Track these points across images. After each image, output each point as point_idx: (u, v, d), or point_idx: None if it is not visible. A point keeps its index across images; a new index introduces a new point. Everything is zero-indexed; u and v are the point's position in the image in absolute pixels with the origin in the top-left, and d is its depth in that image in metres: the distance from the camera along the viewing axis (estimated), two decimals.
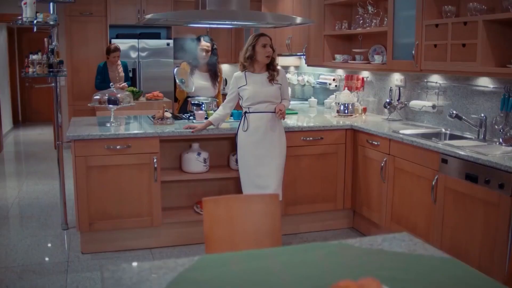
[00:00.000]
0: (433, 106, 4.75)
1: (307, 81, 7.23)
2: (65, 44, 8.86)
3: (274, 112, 4.35)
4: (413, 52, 4.48)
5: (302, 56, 6.92)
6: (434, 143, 3.97)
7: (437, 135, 4.47)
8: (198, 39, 5.41)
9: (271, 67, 4.39)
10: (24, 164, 8.92)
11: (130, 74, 8.45)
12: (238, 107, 4.61)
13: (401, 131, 4.51)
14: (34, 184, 7.01)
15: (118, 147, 4.38)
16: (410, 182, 4.24)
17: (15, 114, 12.82)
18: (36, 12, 4.65)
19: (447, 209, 3.80)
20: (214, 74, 5.51)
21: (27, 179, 7.46)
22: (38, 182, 7.07)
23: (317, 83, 6.95)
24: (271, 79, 4.36)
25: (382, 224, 4.63)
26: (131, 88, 7.34)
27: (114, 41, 8.52)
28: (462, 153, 3.64)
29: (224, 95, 6.88)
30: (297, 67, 7.76)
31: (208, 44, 5.39)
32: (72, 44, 8.79)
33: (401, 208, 4.38)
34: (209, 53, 5.39)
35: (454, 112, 4.39)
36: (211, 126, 4.56)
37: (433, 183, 3.89)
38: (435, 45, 4.24)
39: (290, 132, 4.80)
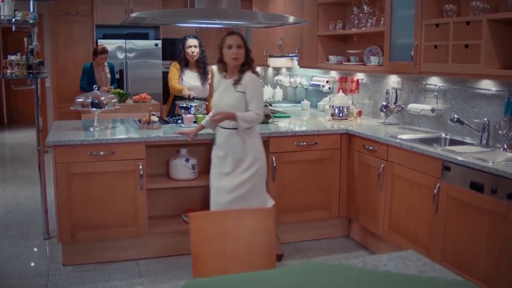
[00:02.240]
0: (432, 110, 4.55)
1: (300, 83, 7.03)
2: (50, 44, 8.62)
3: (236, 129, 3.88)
4: (412, 53, 4.28)
5: (295, 57, 6.73)
6: (435, 149, 3.77)
7: (437, 140, 4.27)
8: (184, 38, 5.27)
9: (241, 70, 3.91)
10: (8, 168, 8.65)
11: (117, 76, 8.23)
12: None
13: (399, 136, 4.30)
14: (17, 190, 6.75)
15: (101, 153, 4.14)
16: (409, 190, 4.03)
17: (0, 116, 12.54)
18: (15, 10, 4.41)
19: (450, 220, 3.60)
20: (204, 73, 5.34)
21: (10, 184, 7.21)
22: (21, 187, 6.81)
23: (310, 85, 6.75)
24: (235, 84, 3.87)
25: (380, 234, 4.42)
26: (118, 90, 7.11)
27: (101, 41, 8.28)
28: (467, 160, 3.44)
29: None
30: (289, 69, 7.55)
31: (195, 42, 5.23)
32: (57, 45, 8.54)
33: (400, 217, 4.17)
34: (197, 49, 5.23)
35: (456, 116, 4.18)
36: (204, 130, 4.32)
37: (435, 191, 3.69)
38: (436, 46, 4.04)
39: (282, 137, 4.59)
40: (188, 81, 5.32)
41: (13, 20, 4.41)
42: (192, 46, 5.26)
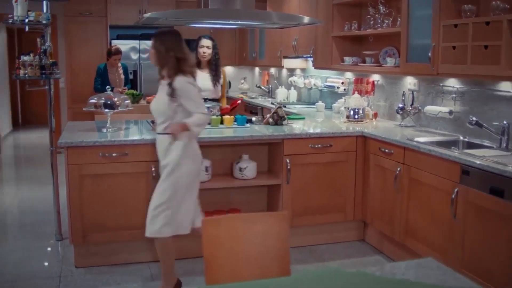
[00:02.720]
0: (450, 112, 4.46)
1: (314, 84, 6.95)
2: (64, 45, 8.63)
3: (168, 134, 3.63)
4: (430, 54, 4.19)
5: (309, 58, 6.66)
6: (453, 153, 3.68)
7: (455, 143, 4.17)
8: (198, 39, 5.21)
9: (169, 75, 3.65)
10: (22, 169, 8.68)
11: (131, 76, 8.22)
12: (243, 112, 4.33)
13: (416, 139, 4.21)
14: (31, 190, 6.75)
15: (114, 154, 4.10)
16: (426, 194, 3.95)
17: (15, 116, 12.60)
18: (28, 11, 4.39)
19: (469, 225, 3.51)
20: (215, 75, 5.28)
21: (24, 184, 7.22)
22: (34, 188, 6.80)
23: (325, 86, 6.67)
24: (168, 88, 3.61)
25: (396, 238, 4.33)
26: (131, 91, 7.09)
27: (114, 42, 8.28)
28: (486, 164, 3.34)
29: (229, 98, 6.64)
30: (303, 70, 7.48)
31: (208, 43, 5.17)
32: (71, 45, 8.55)
33: (416, 222, 4.09)
34: (209, 50, 5.18)
35: (474, 119, 4.09)
36: (217, 132, 4.25)
37: (453, 196, 3.60)
38: (454, 47, 3.95)
39: (297, 139, 4.53)
40: (199, 81, 5.24)
41: (26, 20, 4.39)
42: (205, 47, 5.20)
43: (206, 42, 5.20)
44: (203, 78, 5.27)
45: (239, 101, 5.40)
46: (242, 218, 2.41)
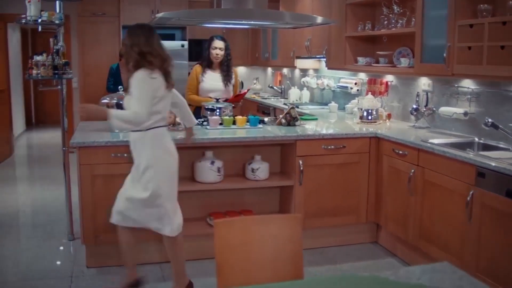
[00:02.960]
0: (465, 113, 4.40)
1: (327, 85, 6.91)
2: (77, 45, 8.66)
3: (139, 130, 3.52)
4: (445, 55, 4.14)
5: (322, 59, 6.62)
6: (469, 154, 3.63)
7: (470, 145, 4.11)
8: (211, 39, 5.19)
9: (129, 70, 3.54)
10: (35, 168, 8.72)
11: None
12: (256, 112, 4.30)
13: (430, 140, 4.16)
14: (43, 190, 6.77)
15: (125, 155, 4.08)
16: (441, 196, 3.89)
17: (28, 116, 12.66)
18: (41, 11, 4.39)
19: (484, 228, 3.45)
20: (227, 75, 5.25)
21: (36, 184, 7.25)
22: (47, 187, 6.83)
23: (338, 87, 6.62)
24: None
25: (410, 241, 4.28)
26: None
27: None
28: (502, 166, 3.29)
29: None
30: (316, 70, 7.44)
31: (221, 44, 5.15)
32: (84, 45, 8.58)
33: (430, 225, 4.03)
34: (222, 52, 5.15)
35: (490, 120, 4.03)
36: (228, 133, 4.22)
37: (468, 198, 3.55)
38: (469, 47, 3.90)
39: (309, 140, 4.49)
40: (210, 81, 5.24)
41: (39, 20, 4.40)
42: (218, 48, 5.18)
43: (219, 43, 5.18)
44: (215, 78, 5.25)
45: (245, 91, 5.35)
46: (255, 220, 2.39)
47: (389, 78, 5.57)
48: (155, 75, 3.43)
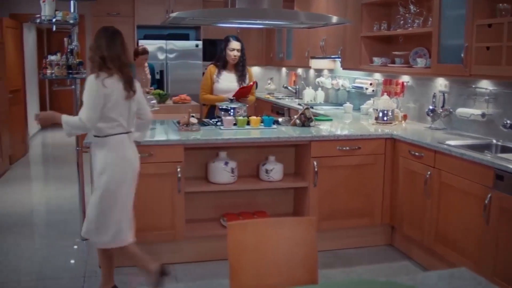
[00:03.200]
0: (483, 115, 4.33)
1: (342, 85, 6.85)
2: None
3: None
4: (462, 55, 4.07)
5: (337, 59, 6.56)
6: (487, 157, 3.56)
7: (488, 147, 4.05)
8: (227, 40, 5.15)
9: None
10: (49, 167, 8.75)
11: (157, 76, 8.23)
12: (270, 113, 4.26)
13: (447, 142, 4.09)
14: (58, 189, 6.79)
15: (138, 155, 4.06)
16: (458, 199, 3.83)
17: None
18: (56, 10, 4.39)
19: (503, 232, 3.38)
20: (242, 75, 5.22)
21: (51, 183, 7.28)
22: (61, 186, 6.84)
23: (353, 87, 6.57)
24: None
25: (425, 244, 4.22)
26: (158, 91, 7.08)
27: (141, 42, 8.30)
28: None
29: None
30: (331, 70, 7.38)
31: (238, 45, 5.12)
32: None
33: (447, 228, 3.97)
34: (239, 53, 5.13)
35: (509, 121, 3.96)
36: (243, 134, 4.19)
37: (486, 201, 3.48)
38: (488, 48, 3.83)
39: (324, 141, 4.44)
40: (225, 82, 5.21)
41: (54, 20, 4.40)
42: (235, 50, 5.15)
43: (236, 44, 5.14)
44: (230, 79, 5.22)
45: (251, 83, 5.29)
46: (269, 222, 2.35)
47: (405, 78, 5.50)
48: (109, 82, 3.33)
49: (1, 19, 8.07)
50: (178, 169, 4.13)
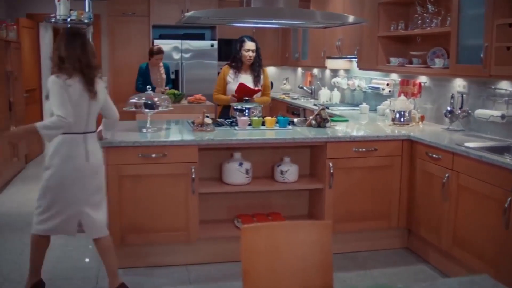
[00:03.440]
0: (502, 116, 4.24)
1: (358, 86, 6.79)
2: (108, 44, 8.69)
3: None
4: (482, 55, 3.99)
5: (354, 59, 6.49)
6: (507, 159, 3.48)
7: (508, 150, 3.95)
8: (242, 40, 5.11)
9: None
10: None
11: (173, 76, 8.21)
12: (285, 113, 4.22)
13: (465, 144, 4.01)
14: None
15: (153, 155, 4.04)
16: (477, 202, 3.75)
17: None
18: (70, 10, 4.38)
19: None
20: (257, 76, 5.19)
21: None
22: None
23: (369, 88, 6.49)
24: None
25: (442, 247, 4.14)
26: (173, 90, 7.06)
27: (157, 41, 8.29)
28: None
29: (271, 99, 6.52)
30: (347, 71, 7.31)
31: (253, 46, 5.09)
32: (114, 45, 8.61)
33: (465, 231, 3.89)
34: (254, 53, 5.09)
35: None
36: (258, 135, 4.15)
37: (506, 205, 3.40)
38: (508, 48, 3.75)
39: (340, 142, 4.38)
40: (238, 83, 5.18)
41: (68, 19, 4.39)
42: (250, 50, 5.12)
43: (251, 45, 5.11)
44: (245, 80, 5.17)
45: (256, 88, 5.21)
46: (283, 226, 2.30)
47: (423, 79, 5.42)
48: (70, 82, 3.39)
49: (18, 19, 8.11)
50: (192, 170, 4.10)
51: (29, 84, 8.44)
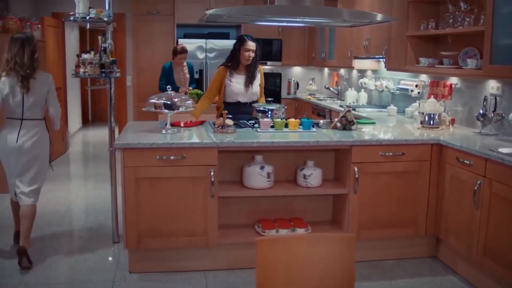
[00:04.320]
0: None
1: (386, 87, 6.59)
2: (132, 43, 8.64)
3: None
4: None
5: (381, 59, 6.30)
6: None
7: None
8: (243, 39, 4.94)
9: None
10: (89, 166, 8.75)
11: (197, 76, 8.12)
12: (310, 114, 4.05)
13: (499, 149, 3.80)
14: (95, 188, 6.76)
15: (171, 157, 3.92)
16: (510, 211, 3.54)
17: (84, 113, 12.83)
18: (89, 8, 4.29)
19: None
20: (252, 76, 5.02)
21: (89, 181, 7.25)
22: (99, 186, 6.80)
23: (397, 89, 6.29)
24: None
25: (472, 258, 3.93)
26: (196, 90, 6.95)
27: (181, 41, 8.21)
28: None
29: (297, 100, 6.37)
30: (375, 71, 7.12)
31: (254, 46, 4.90)
32: (138, 44, 8.56)
33: (497, 242, 3.68)
34: (253, 53, 4.92)
35: None
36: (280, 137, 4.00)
37: None
38: None
39: (366, 145, 4.20)
40: (237, 84, 5.02)
41: (88, 18, 4.30)
42: (250, 51, 4.93)
43: (252, 45, 4.92)
44: (240, 80, 5.01)
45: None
46: (302, 239, 2.15)
47: (453, 80, 5.21)
48: (4, 79, 4.17)
49: (43, 18, 8.10)
50: (212, 173, 3.97)
51: (54, 83, 8.41)
